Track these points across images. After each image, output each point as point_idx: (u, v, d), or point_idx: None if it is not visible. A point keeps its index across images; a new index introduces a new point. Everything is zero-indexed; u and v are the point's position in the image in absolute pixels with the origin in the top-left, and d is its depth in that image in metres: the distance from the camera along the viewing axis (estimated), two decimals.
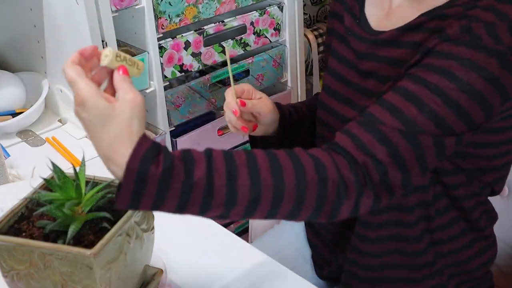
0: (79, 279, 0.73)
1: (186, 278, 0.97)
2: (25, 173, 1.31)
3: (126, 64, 0.77)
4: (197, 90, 1.56)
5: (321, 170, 0.78)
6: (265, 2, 1.65)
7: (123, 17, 1.36)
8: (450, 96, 0.82)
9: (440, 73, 0.83)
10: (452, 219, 1.03)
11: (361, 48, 1.01)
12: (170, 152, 0.73)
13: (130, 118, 0.71)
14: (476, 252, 1.08)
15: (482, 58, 0.83)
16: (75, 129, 1.48)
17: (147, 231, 0.83)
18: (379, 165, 0.80)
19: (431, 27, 0.90)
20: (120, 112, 0.71)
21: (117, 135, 0.71)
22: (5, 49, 1.63)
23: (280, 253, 1.24)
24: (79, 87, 0.71)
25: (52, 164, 0.78)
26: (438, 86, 0.83)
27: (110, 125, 0.71)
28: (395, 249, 1.04)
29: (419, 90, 0.83)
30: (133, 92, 0.73)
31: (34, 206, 0.81)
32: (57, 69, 1.47)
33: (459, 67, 0.83)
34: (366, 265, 1.07)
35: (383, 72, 0.96)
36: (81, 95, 0.70)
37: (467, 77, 0.83)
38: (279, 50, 1.71)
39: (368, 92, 0.99)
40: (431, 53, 0.86)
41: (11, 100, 1.51)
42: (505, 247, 1.24)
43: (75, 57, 0.74)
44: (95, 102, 0.70)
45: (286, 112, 1.14)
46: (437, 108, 0.82)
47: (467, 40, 0.83)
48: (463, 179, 1.00)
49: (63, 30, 1.34)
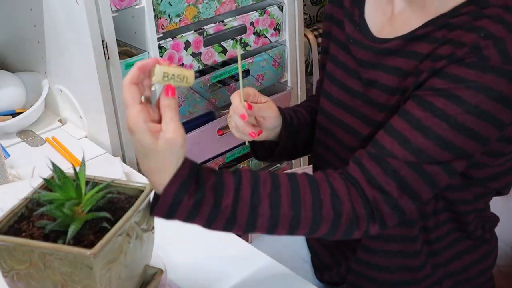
0: (79, 279, 0.73)
1: (186, 278, 0.97)
2: (25, 173, 1.31)
3: (174, 83, 0.78)
4: (197, 90, 1.56)
5: (337, 205, 0.85)
6: (265, 2, 1.65)
7: (123, 17, 1.36)
8: (457, 120, 0.83)
9: (447, 98, 0.84)
10: (449, 229, 1.03)
11: (364, 56, 0.99)
12: (204, 180, 0.80)
13: (169, 156, 0.77)
14: (475, 260, 1.08)
15: (489, 79, 0.82)
16: (75, 129, 1.48)
17: (147, 231, 0.83)
18: (388, 197, 0.85)
19: (438, 38, 0.88)
20: (160, 150, 0.77)
21: (158, 167, 0.78)
22: (5, 49, 1.63)
23: (280, 253, 1.24)
24: (129, 115, 0.76)
25: (52, 164, 0.78)
26: (445, 111, 0.84)
27: (151, 158, 0.78)
28: (399, 262, 1.04)
29: (426, 117, 0.85)
30: (173, 130, 0.77)
31: (34, 206, 0.81)
32: (57, 69, 1.47)
33: (466, 90, 0.83)
34: (375, 266, 1.07)
35: (387, 82, 0.95)
36: (130, 124, 0.76)
37: (474, 100, 0.83)
38: (279, 50, 1.71)
39: (371, 101, 0.98)
40: (439, 75, 0.86)
41: (11, 100, 1.51)
42: (505, 247, 1.24)
43: (134, 75, 0.77)
44: (140, 135, 0.76)
45: (287, 117, 1.11)
46: (444, 133, 0.84)
47: (475, 62, 0.83)
48: (467, 194, 0.98)
49: (63, 30, 1.34)
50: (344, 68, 1.04)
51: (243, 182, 0.83)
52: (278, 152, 1.13)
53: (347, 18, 1.04)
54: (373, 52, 0.97)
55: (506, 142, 0.92)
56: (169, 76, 0.77)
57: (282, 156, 1.15)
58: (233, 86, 1.65)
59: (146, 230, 0.83)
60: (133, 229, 0.79)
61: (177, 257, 1.01)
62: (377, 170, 0.86)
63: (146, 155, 0.78)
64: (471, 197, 0.99)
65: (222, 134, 1.67)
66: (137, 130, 0.76)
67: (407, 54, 0.92)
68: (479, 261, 1.08)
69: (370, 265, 1.06)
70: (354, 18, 1.03)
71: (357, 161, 0.89)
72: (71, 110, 1.48)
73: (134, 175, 1.28)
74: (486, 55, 0.82)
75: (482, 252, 1.08)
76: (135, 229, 0.80)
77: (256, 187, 0.83)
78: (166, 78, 0.77)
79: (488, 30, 0.83)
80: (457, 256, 1.06)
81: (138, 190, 0.84)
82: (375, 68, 0.97)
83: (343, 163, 0.95)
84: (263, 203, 0.82)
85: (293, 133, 1.13)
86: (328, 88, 1.08)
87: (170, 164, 0.78)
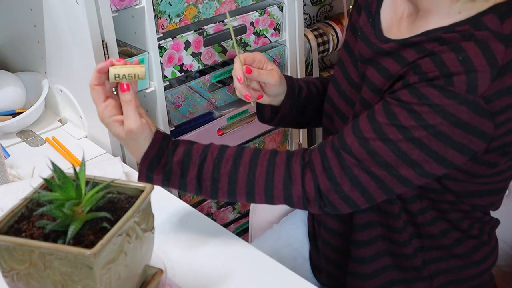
0: (79, 279, 0.73)
1: (186, 278, 0.97)
2: (25, 173, 1.31)
3: (126, 81, 0.92)
4: (197, 90, 1.56)
5: (288, 187, 0.95)
6: (265, 2, 1.65)
7: (123, 17, 1.36)
8: (413, 134, 0.87)
9: (409, 112, 0.87)
10: (443, 229, 1.04)
11: (364, 52, 1.01)
12: (173, 155, 0.97)
13: (135, 142, 0.96)
14: (476, 260, 1.08)
15: (449, 104, 0.85)
16: (75, 129, 1.48)
17: (147, 231, 0.83)
18: (338, 187, 0.92)
19: (426, 49, 0.90)
20: (126, 138, 0.95)
21: (132, 150, 0.98)
22: (5, 49, 1.63)
23: (280, 253, 1.24)
24: (98, 112, 0.95)
25: (52, 164, 0.78)
26: (403, 123, 0.88)
27: (126, 143, 0.97)
28: (386, 249, 1.06)
29: (387, 125, 0.89)
30: (131, 121, 0.93)
31: (34, 206, 0.81)
32: (57, 69, 1.47)
33: (427, 110, 0.86)
34: (361, 273, 1.09)
35: (374, 80, 0.98)
36: (100, 119, 0.95)
37: (433, 120, 0.86)
38: (279, 50, 1.71)
39: (361, 98, 1.01)
40: (409, 88, 0.89)
41: (11, 100, 1.50)
42: (506, 247, 1.24)
43: (95, 77, 0.94)
44: (109, 127, 0.96)
45: (296, 87, 1.16)
46: (399, 143, 0.88)
47: (442, 85, 0.85)
48: (450, 198, 1.00)
49: (63, 30, 1.34)
50: (351, 56, 1.07)
51: (207, 159, 0.98)
52: (279, 118, 1.18)
53: (365, 9, 1.06)
54: (372, 50, 0.99)
55: (485, 165, 0.94)
56: (120, 76, 0.91)
57: (284, 123, 1.21)
58: (233, 86, 1.65)
59: (146, 230, 0.83)
60: (133, 229, 0.79)
61: (177, 257, 1.01)
62: (334, 162, 0.93)
63: (122, 141, 0.97)
64: (454, 199, 1.01)
65: (222, 134, 1.67)
66: (106, 124, 0.95)
67: (396, 58, 0.95)
68: (477, 262, 1.08)
69: (358, 259, 1.09)
70: (371, 9, 1.04)
71: (320, 148, 0.96)
72: (71, 110, 1.48)
73: (134, 175, 1.28)
74: (453, 81, 0.84)
75: (481, 254, 1.08)
76: (135, 229, 0.80)
77: (218, 164, 0.97)
78: (118, 78, 0.92)
79: (467, 55, 0.85)
80: (454, 255, 1.06)
81: (138, 190, 0.84)
82: (371, 65, 0.99)
83: None
84: (222, 179, 0.97)
85: (299, 104, 1.18)
86: (336, 74, 1.12)
87: (139, 147, 0.96)
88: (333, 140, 0.95)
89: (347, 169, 0.91)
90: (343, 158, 0.92)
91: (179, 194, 1.59)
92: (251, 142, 1.76)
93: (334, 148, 0.93)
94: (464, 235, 1.05)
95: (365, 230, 1.06)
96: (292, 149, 1.89)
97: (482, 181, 0.98)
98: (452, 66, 0.85)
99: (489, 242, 1.09)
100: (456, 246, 1.05)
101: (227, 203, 1.76)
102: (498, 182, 1.00)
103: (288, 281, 0.98)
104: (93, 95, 0.94)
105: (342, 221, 1.10)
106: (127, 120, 0.93)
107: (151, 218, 0.85)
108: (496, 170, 0.96)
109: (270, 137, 1.80)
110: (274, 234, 1.32)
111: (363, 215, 1.04)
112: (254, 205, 1.41)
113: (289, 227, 1.31)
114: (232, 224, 1.82)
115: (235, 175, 0.97)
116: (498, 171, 0.97)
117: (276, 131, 1.81)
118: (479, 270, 1.09)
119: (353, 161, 0.91)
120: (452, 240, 1.04)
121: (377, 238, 1.06)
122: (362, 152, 0.90)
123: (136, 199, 0.81)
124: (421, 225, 1.02)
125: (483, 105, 0.84)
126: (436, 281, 1.07)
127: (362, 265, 1.08)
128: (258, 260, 1.02)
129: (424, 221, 1.02)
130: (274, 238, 1.30)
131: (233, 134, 1.70)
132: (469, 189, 0.99)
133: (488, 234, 1.08)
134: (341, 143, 0.93)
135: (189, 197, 1.64)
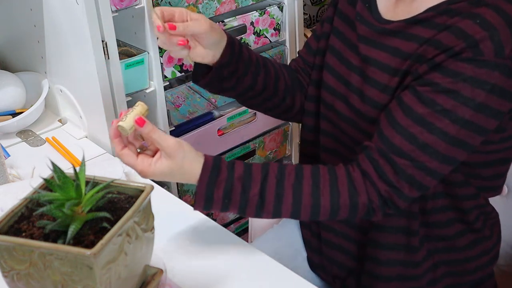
0: (79, 279, 0.73)
1: (186, 278, 0.97)
2: (25, 173, 1.31)
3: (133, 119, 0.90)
4: (197, 90, 1.56)
5: (354, 196, 0.94)
6: (265, 2, 1.65)
7: (123, 17, 1.36)
8: (457, 114, 0.88)
9: (446, 93, 0.89)
10: (450, 219, 1.04)
11: (365, 32, 1.02)
12: (233, 172, 0.93)
13: (186, 163, 0.91)
14: (476, 254, 1.08)
15: (483, 73, 0.87)
16: (75, 129, 1.48)
17: (147, 231, 0.83)
18: (399, 192, 0.93)
19: (438, 23, 0.92)
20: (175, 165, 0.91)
21: (184, 177, 0.93)
22: (5, 49, 1.63)
23: (280, 252, 1.24)
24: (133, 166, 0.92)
25: (52, 164, 0.78)
26: (445, 107, 0.89)
27: (174, 175, 0.92)
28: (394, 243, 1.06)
29: (429, 113, 0.90)
30: (170, 143, 0.90)
31: (34, 206, 0.81)
32: (57, 69, 1.47)
33: (463, 85, 0.88)
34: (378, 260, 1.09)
35: (385, 60, 0.98)
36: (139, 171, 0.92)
37: (471, 94, 0.88)
38: (279, 50, 1.71)
39: (368, 78, 1.01)
40: (438, 70, 0.90)
41: (11, 100, 1.50)
42: (506, 247, 1.24)
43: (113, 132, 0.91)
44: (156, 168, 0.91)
45: (236, 43, 1.08)
46: (446, 128, 0.89)
47: (471, 57, 0.87)
48: (461, 177, 1.01)
49: (63, 30, 1.34)
50: (345, 41, 1.08)
51: (270, 174, 0.94)
52: (215, 71, 1.07)
53: None
54: (374, 30, 1.01)
55: (494, 131, 0.95)
56: (131, 125, 0.90)
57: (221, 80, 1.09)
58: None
59: (146, 230, 0.83)
60: (133, 229, 0.79)
61: (177, 257, 1.01)
62: (387, 167, 0.93)
63: (171, 175, 0.92)
64: (464, 178, 1.02)
65: (222, 134, 1.68)
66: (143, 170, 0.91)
67: (406, 36, 0.96)
68: (476, 256, 1.08)
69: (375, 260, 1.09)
70: None
71: (368, 156, 0.95)
72: (71, 110, 1.48)
73: (134, 175, 1.28)
74: (481, 49, 0.86)
75: (480, 248, 1.08)
76: (135, 229, 0.80)
77: (281, 178, 0.94)
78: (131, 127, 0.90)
79: (484, 17, 0.87)
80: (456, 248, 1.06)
81: (138, 190, 0.84)
82: (373, 46, 1.01)
83: (347, 138, 1.04)
84: (286, 193, 0.94)
85: (239, 64, 1.09)
86: (330, 61, 1.11)
87: (191, 167, 0.92)
88: (378, 144, 0.94)
89: (402, 173, 0.92)
90: (395, 161, 0.92)
91: (179, 194, 1.60)
92: (251, 142, 1.76)
93: (382, 153, 0.93)
94: (467, 227, 1.05)
95: (386, 232, 1.06)
96: (292, 148, 1.89)
97: (491, 149, 1.00)
98: (474, 32, 0.87)
99: (490, 237, 1.09)
100: (457, 238, 1.06)
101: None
102: (505, 149, 1.02)
103: (288, 281, 0.98)
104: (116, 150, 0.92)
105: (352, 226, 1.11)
106: (164, 144, 0.90)
107: (151, 218, 0.85)
108: (505, 135, 0.99)
109: (270, 137, 1.80)
110: (274, 234, 1.32)
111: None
112: None
113: (289, 227, 1.31)
114: (232, 224, 1.82)
115: (299, 188, 0.94)
116: (506, 136, 0.99)
117: (276, 131, 1.81)
118: (478, 264, 1.09)
119: (406, 162, 0.92)
120: (455, 231, 1.05)
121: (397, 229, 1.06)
122: (413, 149, 0.91)
123: (136, 199, 0.81)
124: (429, 212, 1.03)
125: (511, 65, 0.87)
126: (439, 271, 1.07)
127: (380, 266, 1.08)
128: (258, 260, 1.02)
129: (434, 207, 1.03)
130: (274, 238, 1.30)
131: (233, 134, 1.70)
132: (479, 160, 1.01)
133: (490, 229, 1.09)
134: (388, 146, 0.93)
135: (189, 197, 1.64)
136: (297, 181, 0.95)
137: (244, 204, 0.94)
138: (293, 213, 0.95)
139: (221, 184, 0.92)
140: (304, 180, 0.95)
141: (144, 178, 0.93)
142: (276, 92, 1.15)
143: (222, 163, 0.93)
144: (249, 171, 0.94)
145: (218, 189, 0.92)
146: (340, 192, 0.94)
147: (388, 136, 0.93)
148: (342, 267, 1.16)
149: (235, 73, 1.09)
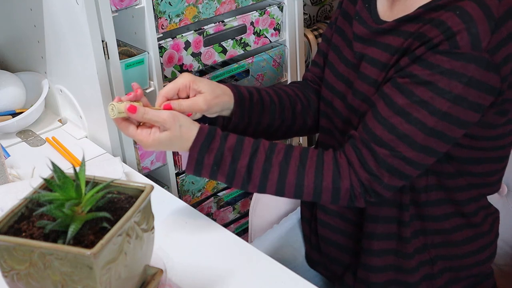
0: (79, 279, 0.73)
1: (186, 278, 0.97)
2: (25, 173, 1.31)
3: (124, 107, 0.98)
4: None
5: (337, 181, 0.97)
6: (265, 2, 1.65)
7: (123, 17, 1.36)
8: (434, 105, 0.90)
9: (424, 85, 0.91)
10: (447, 213, 1.04)
11: (361, 32, 1.04)
12: (225, 142, 0.98)
13: (181, 130, 0.98)
14: (474, 249, 1.08)
15: (459, 66, 0.88)
16: (75, 129, 1.48)
17: (147, 231, 0.83)
18: (379, 179, 0.96)
19: (425, 19, 0.93)
20: (172, 134, 0.97)
21: (181, 145, 0.99)
22: (5, 49, 1.63)
23: (280, 252, 1.24)
24: (133, 136, 1.00)
25: (52, 164, 0.78)
26: (422, 98, 0.91)
27: (174, 144, 0.99)
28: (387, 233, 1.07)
29: (407, 104, 0.92)
30: (165, 115, 0.97)
31: (34, 206, 0.81)
32: (57, 69, 1.47)
33: (440, 77, 0.89)
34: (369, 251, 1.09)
35: (377, 56, 1.00)
36: (139, 141, 1.00)
37: (448, 86, 0.89)
38: (279, 50, 1.71)
39: (363, 76, 1.02)
40: (417, 62, 0.92)
41: (11, 100, 1.50)
42: (505, 247, 1.24)
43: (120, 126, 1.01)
44: (155, 138, 0.98)
45: (244, 94, 1.10)
46: (425, 119, 0.91)
47: (447, 49, 0.89)
48: (451, 169, 1.02)
49: (63, 30, 1.34)
50: (343, 38, 1.10)
51: (260, 149, 0.98)
52: (232, 129, 1.11)
53: None
54: (370, 31, 1.03)
55: (484, 126, 0.97)
56: (122, 110, 0.98)
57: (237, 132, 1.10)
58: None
59: (146, 230, 0.83)
60: (133, 229, 0.79)
61: (177, 257, 1.01)
62: (369, 156, 0.96)
63: (171, 144, 0.99)
64: (456, 171, 1.03)
65: None
66: (149, 141, 0.98)
67: (397, 33, 0.98)
68: (473, 252, 1.09)
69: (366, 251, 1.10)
70: None
71: (353, 144, 0.98)
72: (71, 110, 1.48)
73: (134, 175, 1.28)
74: (457, 42, 0.88)
75: (478, 244, 1.08)
76: (135, 229, 0.80)
77: (270, 155, 0.98)
78: (119, 113, 0.99)
79: (465, 9, 0.88)
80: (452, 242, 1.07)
81: (138, 190, 0.84)
82: (367, 44, 1.02)
83: (340, 135, 1.07)
84: (273, 169, 0.98)
85: (251, 112, 1.11)
86: (332, 58, 1.13)
87: (188, 135, 0.98)
88: (361, 134, 0.97)
89: (382, 162, 0.95)
90: (375, 151, 0.95)
91: (179, 194, 1.60)
92: None
93: (365, 142, 0.96)
94: (466, 222, 1.06)
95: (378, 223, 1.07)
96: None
97: (483, 145, 1.00)
98: (453, 24, 0.88)
99: (488, 233, 1.10)
100: (455, 232, 1.06)
101: (227, 203, 1.76)
102: (498, 148, 1.02)
103: (288, 281, 0.98)
104: (125, 133, 1.02)
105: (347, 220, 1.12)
106: (158, 119, 0.97)
107: (151, 218, 0.85)
108: (496, 132, 0.99)
109: None
110: (274, 234, 1.32)
111: (375, 208, 1.06)
112: (254, 205, 1.41)
113: (289, 227, 1.31)
114: (232, 224, 1.82)
115: (286, 166, 0.98)
116: (498, 134, 1.00)
117: None
118: (476, 260, 1.09)
119: (385, 151, 0.94)
120: (452, 225, 1.05)
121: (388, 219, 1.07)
122: (393, 138, 0.93)
123: (136, 199, 0.81)
124: (424, 204, 1.04)
125: (489, 59, 0.88)
126: (437, 266, 1.08)
127: (372, 257, 1.09)
128: (258, 260, 1.02)
129: (428, 199, 1.04)
130: (274, 238, 1.30)
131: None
132: (472, 156, 1.01)
133: (490, 225, 1.09)
134: (370, 136, 0.96)
135: (189, 197, 1.64)
136: (284, 159, 0.98)
137: (231, 174, 0.98)
138: (278, 189, 0.99)
139: (213, 151, 0.97)
140: (292, 159, 0.98)
141: (146, 149, 1.01)
142: (294, 119, 1.17)
143: (216, 133, 0.99)
144: (241, 143, 0.98)
145: (209, 155, 0.97)
146: (323, 175, 0.98)
147: (371, 126, 0.96)
148: (340, 263, 1.16)
149: (249, 124, 1.13)
